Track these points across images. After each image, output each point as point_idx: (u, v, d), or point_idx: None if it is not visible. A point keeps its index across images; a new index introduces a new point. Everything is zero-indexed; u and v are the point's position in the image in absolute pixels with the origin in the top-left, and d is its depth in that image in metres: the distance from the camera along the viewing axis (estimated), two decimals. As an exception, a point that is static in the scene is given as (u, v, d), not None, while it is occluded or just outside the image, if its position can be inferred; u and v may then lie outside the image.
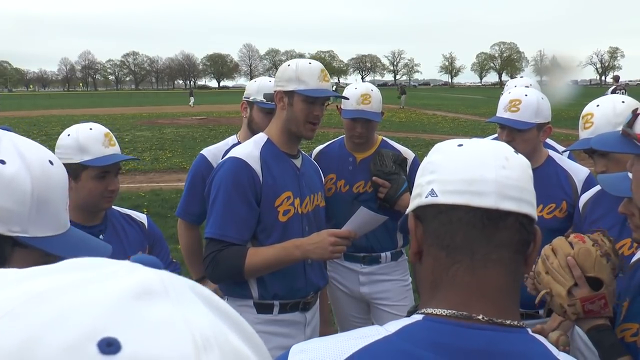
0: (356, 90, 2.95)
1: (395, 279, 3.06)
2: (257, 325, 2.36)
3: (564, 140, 16.30)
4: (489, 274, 0.88)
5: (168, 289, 0.41)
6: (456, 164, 0.91)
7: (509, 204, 0.88)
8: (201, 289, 0.45)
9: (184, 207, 3.00)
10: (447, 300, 0.88)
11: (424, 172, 0.95)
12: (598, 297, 1.44)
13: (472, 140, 0.97)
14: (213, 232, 2.27)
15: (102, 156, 2.08)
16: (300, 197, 2.41)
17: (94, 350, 0.36)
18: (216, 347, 0.39)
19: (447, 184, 0.90)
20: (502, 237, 0.88)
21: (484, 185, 0.88)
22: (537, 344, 0.88)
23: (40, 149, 1.04)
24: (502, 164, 0.90)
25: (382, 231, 2.80)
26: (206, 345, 0.39)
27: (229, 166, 2.30)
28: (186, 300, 0.42)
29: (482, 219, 0.88)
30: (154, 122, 28.15)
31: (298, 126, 2.36)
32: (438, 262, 0.91)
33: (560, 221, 2.44)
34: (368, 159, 2.98)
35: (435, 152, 0.96)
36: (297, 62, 2.40)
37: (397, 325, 0.88)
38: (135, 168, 13.09)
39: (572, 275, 1.47)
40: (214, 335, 0.40)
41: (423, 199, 0.92)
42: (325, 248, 2.19)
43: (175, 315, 0.40)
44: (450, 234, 0.89)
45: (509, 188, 0.88)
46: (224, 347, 0.40)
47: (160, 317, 0.39)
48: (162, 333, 0.38)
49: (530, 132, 2.45)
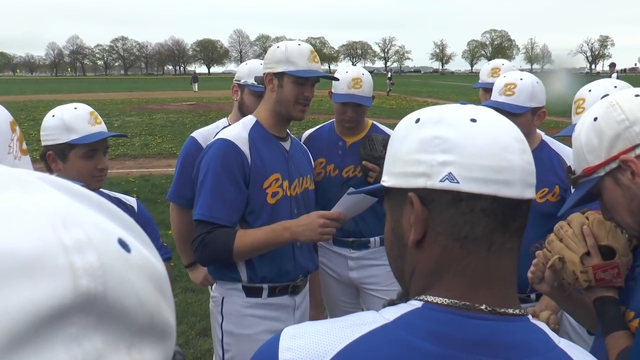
0: (347, 74, 2.92)
1: (384, 263, 3.05)
2: (246, 309, 2.36)
3: (554, 128, 16.39)
4: (501, 264, 0.84)
5: (8, 179, 0.37)
6: (477, 146, 0.81)
7: (529, 192, 0.84)
8: (52, 178, 0.41)
9: (175, 190, 2.97)
10: (451, 288, 0.83)
11: (432, 148, 0.83)
12: (611, 265, 1.44)
13: (480, 112, 0.87)
14: (201, 214, 2.25)
15: (89, 134, 2.05)
16: (289, 180, 2.39)
17: None
18: (77, 224, 0.36)
19: (470, 170, 0.81)
20: (517, 225, 0.84)
21: (512, 173, 0.81)
22: (539, 332, 0.85)
23: None
24: (522, 147, 0.84)
25: (371, 216, 2.80)
26: (65, 223, 0.35)
27: (217, 148, 2.28)
28: (33, 187, 0.38)
29: (503, 209, 0.81)
30: (143, 107, 27.94)
31: (288, 107, 2.34)
32: (448, 252, 0.83)
33: (553, 205, 2.44)
34: (358, 143, 2.96)
35: (443, 125, 0.84)
36: (287, 43, 2.38)
37: (395, 313, 0.83)
38: (125, 153, 13.02)
39: (585, 244, 1.47)
40: (72, 214, 0.37)
41: (436, 182, 0.82)
42: (315, 230, 2.17)
43: (22, 202, 0.36)
44: (470, 225, 0.81)
45: (530, 175, 0.84)
46: (86, 224, 0.37)
47: (5, 207, 0.35)
48: (11, 222, 0.34)
49: (525, 116, 2.45)
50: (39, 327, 0.32)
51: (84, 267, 0.34)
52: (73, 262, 0.34)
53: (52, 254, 0.34)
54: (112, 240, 0.38)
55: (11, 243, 0.33)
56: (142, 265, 0.39)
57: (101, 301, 0.35)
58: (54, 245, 0.34)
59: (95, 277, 0.35)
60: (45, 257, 0.33)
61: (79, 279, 0.34)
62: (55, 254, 0.34)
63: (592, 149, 1.33)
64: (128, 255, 0.38)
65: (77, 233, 0.35)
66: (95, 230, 0.37)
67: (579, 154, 1.38)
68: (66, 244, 0.35)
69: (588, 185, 1.37)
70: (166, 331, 0.41)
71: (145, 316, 0.38)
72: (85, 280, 0.34)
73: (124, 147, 13.77)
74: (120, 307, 0.36)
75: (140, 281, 0.38)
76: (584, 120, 1.38)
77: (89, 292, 0.34)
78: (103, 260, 0.36)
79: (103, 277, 0.35)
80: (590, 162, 1.34)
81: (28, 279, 0.32)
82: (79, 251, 0.35)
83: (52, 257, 0.34)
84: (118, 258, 0.37)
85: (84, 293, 0.34)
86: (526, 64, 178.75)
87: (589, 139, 1.34)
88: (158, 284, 0.41)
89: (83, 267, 0.34)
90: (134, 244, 0.40)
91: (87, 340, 0.34)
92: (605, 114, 1.32)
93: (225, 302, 2.38)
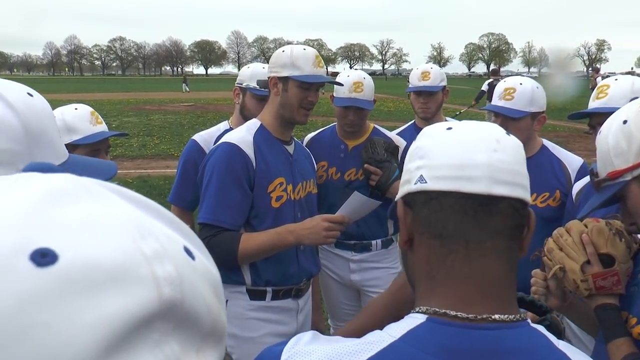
0: (348, 78, 2.94)
1: (385, 266, 3.07)
2: (250, 312, 2.36)
3: (552, 131, 16.44)
4: (486, 265, 0.85)
5: (78, 188, 0.38)
6: (445, 148, 0.87)
7: (501, 188, 0.85)
8: (110, 184, 0.42)
9: (176, 193, 2.97)
10: (448, 296, 0.86)
11: (413, 157, 0.92)
12: (611, 273, 1.45)
13: (461, 123, 0.93)
14: (206, 218, 2.26)
15: (92, 134, 2.05)
16: (293, 183, 2.40)
17: (28, 266, 0.33)
18: (151, 233, 0.38)
19: (436, 170, 0.86)
20: (495, 223, 0.85)
21: (476, 169, 0.84)
22: (540, 336, 0.87)
23: (16, 85, 1.04)
24: (494, 147, 0.86)
25: (373, 219, 2.81)
26: (142, 233, 0.37)
27: (222, 151, 2.29)
28: (101, 196, 0.39)
29: (473, 205, 0.84)
30: (141, 108, 27.87)
31: (292, 111, 2.35)
32: (432, 251, 0.87)
33: (554, 210, 2.46)
34: (360, 147, 2.98)
35: (423, 137, 0.93)
36: (292, 47, 2.39)
37: (400, 329, 0.84)
38: (123, 154, 12.98)
39: (585, 252, 1.48)
40: (143, 223, 0.38)
41: (412, 185, 0.89)
42: (319, 233, 2.19)
43: (98, 212, 0.37)
44: (442, 222, 0.86)
45: (501, 172, 0.85)
46: (157, 233, 0.38)
47: (85, 217, 0.36)
48: (94, 232, 0.35)
49: (524, 120, 2.47)
50: (129, 334, 0.34)
51: (164, 276, 0.36)
52: (155, 272, 0.36)
53: (136, 264, 0.35)
54: (180, 249, 0.40)
55: (99, 254, 0.34)
56: (204, 272, 0.41)
57: (179, 308, 0.37)
58: (136, 256, 0.36)
59: (175, 286, 0.37)
60: (130, 267, 0.35)
61: (162, 288, 0.36)
62: (138, 264, 0.36)
63: (620, 152, 1.31)
64: (194, 262, 0.40)
65: (154, 243, 0.37)
66: (167, 240, 0.39)
67: (605, 156, 1.35)
68: (147, 254, 0.36)
69: (612, 189, 1.34)
70: (223, 334, 0.43)
71: (210, 321, 0.40)
72: (167, 289, 0.36)
73: (122, 147, 13.74)
74: (194, 313, 0.38)
75: (205, 288, 0.40)
76: (612, 122, 1.34)
77: (171, 300, 0.36)
78: (178, 268, 0.38)
79: (181, 285, 0.37)
80: (617, 165, 1.32)
81: (117, 288, 0.34)
82: (158, 261, 0.37)
83: (136, 267, 0.35)
84: (188, 266, 0.39)
85: (166, 301, 0.36)
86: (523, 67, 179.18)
87: (617, 142, 1.31)
88: (217, 289, 0.43)
89: (164, 276, 0.36)
90: (195, 251, 0.42)
91: (167, 345, 0.36)
92: (636, 118, 1.30)
93: (228, 305, 2.38)
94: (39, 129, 1.01)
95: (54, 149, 1.05)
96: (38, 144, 1.00)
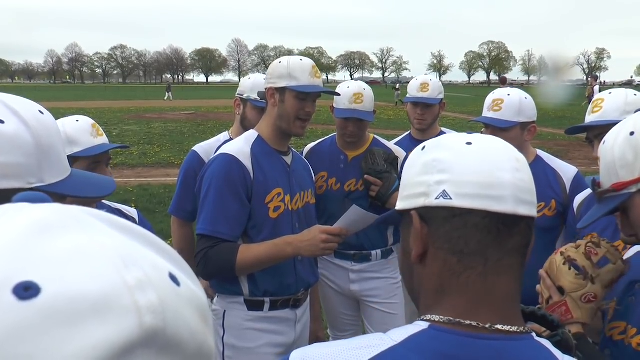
0: (349, 89, 2.94)
1: (385, 276, 3.07)
2: (248, 322, 2.36)
3: (551, 140, 16.45)
4: (500, 281, 0.86)
5: (66, 219, 0.39)
6: (470, 165, 0.87)
7: (524, 208, 0.87)
8: (99, 213, 0.43)
9: (176, 204, 2.97)
10: (455, 307, 0.86)
11: (430, 169, 0.89)
12: (558, 304, 1.44)
13: (478, 137, 0.93)
14: (204, 229, 2.26)
15: (92, 146, 2.06)
16: (291, 194, 2.41)
17: (10, 299, 0.33)
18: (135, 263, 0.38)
19: (462, 187, 0.86)
20: (514, 242, 0.87)
21: (502, 189, 0.85)
22: (543, 350, 0.86)
23: (28, 103, 1.09)
24: (516, 166, 0.88)
25: (373, 229, 2.81)
26: (127, 263, 0.38)
27: (220, 162, 2.29)
28: (88, 226, 0.40)
29: (497, 225, 0.85)
30: (141, 116, 27.94)
31: (289, 123, 2.36)
32: (447, 267, 0.87)
33: (550, 219, 2.48)
34: (359, 157, 2.98)
35: (441, 149, 0.91)
36: (289, 58, 2.40)
37: (402, 334, 0.85)
38: (123, 162, 13.00)
39: (547, 287, 1.49)
40: (129, 252, 0.39)
41: (432, 199, 0.88)
42: (317, 245, 2.19)
43: (84, 243, 0.38)
44: (465, 239, 0.86)
45: (524, 192, 0.87)
46: (142, 262, 0.39)
47: (70, 249, 0.37)
48: (78, 264, 0.36)
49: (513, 131, 2.48)
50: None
51: (146, 306, 0.37)
52: (137, 301, 0.37)
53: (119, 294, 0.36)
54: (165, 276, 0.40)
55: (81, 285, 0.35)
56: (190, 297, 0.42)
57: (161, 336, 0.37)
58: (119, 286, 0.36)
59: (156, 314, 0.37)
60: (112, 298, 0.36)
61: (144, 317, 0.36)
62: (121, 294, 0.36)
63: (626, 164, 1.29)
64: (179, 289, 0.41)
65: (137, 272, 0.38)
66: (151, 268, 0.39)
67: (609, 167, 1.33)
68: (129, 284, 0.37)
69: (616, 200, 1.32)
70: (210, 356, 0.44)
71: (195, 346, 0.41)
72: (149, 318, 0.37)
73: (123, 156, 13.75)
74: (177, 339, 0.39)
75: (190, 313, 0.41)
76: (618, 134, 1.33)
77: (152, 329, 0.37)
78: (161, 296, 0.38)
79: (163, 313, 0.38)
80: (622, 177, 1.30)
81: (99, 319, 0.35)
82: (141, 290, 0.37)
83: (119, 298, 0.36)
84: (172, 293, 0.40)
85: (148, 330, 0.36)
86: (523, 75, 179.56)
87: (623, 154, 1.30)
88: (203, 313, 0.43)
89: (146, 306, 0.37)
90: (181, 277, 0.42)
91: None
92: None
93: (226, 315, 2.38)
94: (49, 145, 1.05)
95: (60, 164, 1.09)
96: (47, 158, 1.04)
